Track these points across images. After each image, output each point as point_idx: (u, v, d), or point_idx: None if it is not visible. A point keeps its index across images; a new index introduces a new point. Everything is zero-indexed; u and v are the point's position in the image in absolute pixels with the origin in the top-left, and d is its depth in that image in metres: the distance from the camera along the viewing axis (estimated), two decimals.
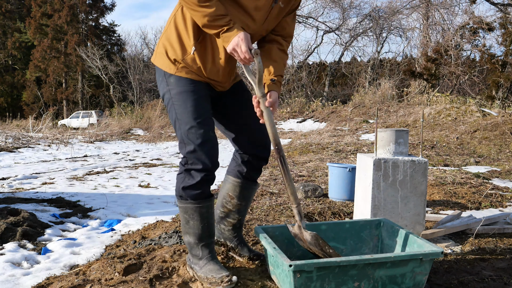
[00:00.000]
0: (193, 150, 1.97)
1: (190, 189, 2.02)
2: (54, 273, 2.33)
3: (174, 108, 2.04)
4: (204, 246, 2.08)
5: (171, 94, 2.04)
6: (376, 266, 1.79)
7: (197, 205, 2.03)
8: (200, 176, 1.99)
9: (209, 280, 1.98)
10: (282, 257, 1.76)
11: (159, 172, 6.47)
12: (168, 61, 2.04)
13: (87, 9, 32.57)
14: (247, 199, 2.29)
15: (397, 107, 14.59)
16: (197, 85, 2.04)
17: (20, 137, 12.95)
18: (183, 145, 2.02)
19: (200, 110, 2.01)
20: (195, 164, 1.99)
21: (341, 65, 25.01)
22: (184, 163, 2.03)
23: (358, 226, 2.30)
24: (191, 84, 2.03)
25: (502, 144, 8.34)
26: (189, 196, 2.03)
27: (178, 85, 2.02)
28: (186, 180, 2.02)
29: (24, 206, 3.85)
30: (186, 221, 2.08)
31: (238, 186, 2.26)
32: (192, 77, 2.03)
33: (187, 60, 2.01)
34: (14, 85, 34.44)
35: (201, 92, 2.04)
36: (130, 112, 22.15)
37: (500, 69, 15.87)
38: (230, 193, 2.27)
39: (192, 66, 2.01)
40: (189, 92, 2.01)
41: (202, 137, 1.97)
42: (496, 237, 2.79)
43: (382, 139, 2.65)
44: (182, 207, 2.07)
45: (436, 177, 4.85)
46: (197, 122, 1.98)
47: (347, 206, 3.60)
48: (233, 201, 2.27)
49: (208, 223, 2.07)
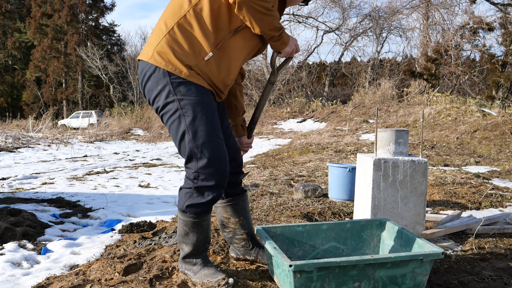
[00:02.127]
0: (207, 165, 1.88)
1: (197, 207, 1.95)
2: (54, 273, 2.33)
3: (184, 120, 1.87)
4: (200, 253, 2.07)
5: (181, 104, 1.86)
6: (376, 267, 1.79)
7: (199, 219, 1.98)
8: (211, 195, 1.92)
9: (206, 285, 1.95)
10: (282, 257, 1.76)
11: (159, 172, 6.47)
12: (176, 61, 1.87)
13: (87, 9, 32.57)
14: (243, 212, 2.24)
15: (397, 107, 14.59)
16: (209, 95, 1.93)
17: (20, 137, 12.95)
18: (195, 160, 1.89)
19: (215, 122, 1.91)
20: (207, 180, 1.89)
21: (341, 65, 25.02)
22: (194, 178, 1.92)
23: (359, 226, 2.30)
24: (204, 94, 1.90)
25: (502, 144, 8.34)
26: (193, 212, 1.96)
27: (190, 94, 1.87)
28: (194, 197, 1.94)
29: (24, 206, 3.84)
30: (185, 233, 2.02)
31: (226, 206, 2.22)
32: (203, 84, 1.90)
33: (200, 65, 1.87)
34: (14, 85, 34.43)
35: (213, 103, 1.94)
36: (130, 112, 22.16)
37: (500, 69, 15.88)
38: (224, 215, 2.24)
39: (205, 71, 1.89)
40: (204, 102, 1.89)
41: (217, 152, 1.89)
42: (496, 237, 2.79)
43: (382, 139, 2.64)
44: (183, 220, 2.00)
45: (436, 177, 4.84)
46: (213, 136, 1.88)
47: (347, 206, 3.60)
48: (231, 220, 2.23)
49: (206, 234, 2.04)
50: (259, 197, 4.01)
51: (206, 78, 1.91)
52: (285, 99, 20.52)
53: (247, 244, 2.25)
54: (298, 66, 22.94)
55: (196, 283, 2.00)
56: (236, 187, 2.22)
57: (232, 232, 2.25)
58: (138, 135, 16.48)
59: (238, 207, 2.21)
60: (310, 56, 23.77)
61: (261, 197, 4.01)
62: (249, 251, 2.25)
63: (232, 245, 2.30)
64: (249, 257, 2.26)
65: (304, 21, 22.54)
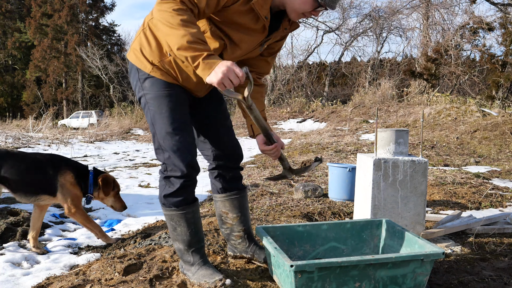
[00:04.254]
0: (170, 156, 1.93)
1: (172, 197, 1.98)
2: (54, 273, 2.33)
3: (149, 113, 1.96)
4: (194, 251, 2.06)
5: (146, 99, 1.96)
6: (377, 267, 1.79)
7: (182, 211, 2.00)
8: (179, 182, 1.94)
9: (203, 285, 1.96)
10: (283, 257, 1.76)
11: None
12: (143, 58, 1.94)
13: (87, 9, 32.57)
14: (241, 209, 2.24)
15: (397, 107, 14.59)
16: (173, 89, 1.96)
17: (20, 137, 12.95)
18: (161, 152, 1.96)
19: (176, 115, 1.94)
20: (174, 171, 1.94)
21: (341, 65, 25.02)
22: (164, 170, 1.98)
23: (359, 226, 2.30)
24: (167, 88, 1.94)
25: (502, 144, 8.34)
26: (171, 204, 1.98)
27: (153, 89, 1.94)
28: (166, 187, 1.98)
29: (24, 206, 3.84)
30: (173, 228, 2.04)
31: (225, 201, 2.23)
32: (167, 79, 1.94)
33: (164, 63, 1.92)
34: (14, 85, 34.42)
35: (177, 96, 1.96)
36: (130, 112, 22.15)
37: (500, 69, 15.88)
38: (223, 210, 2.25)
39: (169, 69, 1.93)
40: (164, 97, 1.93)
41: (178, 143, 1.92)
42: (496, 237, 2.79)
43: (382, 139, 2.64)
44: (167, 214, 2.02)
45: (436, 177, 4.84)
46: (173, 128, 1.92)
47: (347, 206, 3.60)
48: (229, 215, 2.24)
49: (195, 228, 2.04)
50: (259, 197, 4.01)
51: (171, 74, 1.95)
52: (285, 99, 20.53)
53: (244, 241, 2.25)
54: (298, 66, 22.96)
55: (194, 284, 2.01)
56: (236, 182, 2.24)
57: (230, 228, 2.26)
58: (138, 135, 16.48)
59: (237, 202, 2.23)
60: (310, 56, 23.80)
61: (261, 197, 4.01)
62: (246, 249, 2.26)
63: (229, 243, 2.31)
64: (246, 255, 2.26)
65: (304, 21, 22.52)
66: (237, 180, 2.24)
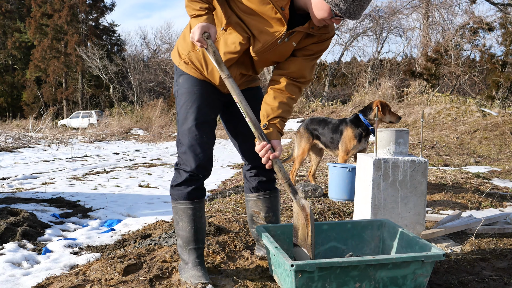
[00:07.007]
0: (184, 151, 2.02)
1: (177, 188, 2.05)
2: (54, 273, 2.33)
3: (178, 107, 2.09)
4: (191, 250, 2.07)
5: (178, 94, 2.10)
6: (377, 267, 1.79)
7: (185, 205, 2.05)
8: (186, 175, 2.03)
9: (187, 285, 1.99)
10: (284, 256, 1.76)
11: (159, 172, 6.47)
12: (176, 52, 2.11)
13: (87, 9, 32.56)
14: (273, 210, 2.30)
15: (397, 107, 14.58)
16: (203, 87, 2.06)
17: (20, 137, 12.95)
18: (180, 145, 2.06)
19: (198, 113, 2.02)
20: (184, 165, 2.03)
21: (341, 65, 25.02)
22: (178, 162, 2.08)
23: (360, 227, 2.30)
24: (196, 85, 2.05)
25: (502, 144, 8.34)
26: (177, 196, 2.06)
27: (184, 85, 2.06)
28: (175, 178, 2.07)
29: (24, 206, 3.84)
30: (176, 222, 2.11)
31: (257, 200, 2.28)
32: (194, 74, 2.05)
33: (191, 56, 2.03)
34: (14, 85, 34.41)
35: (205, 95, 2.05)
36: (130, 112, 22.16)
37: (500, 69, 15.86)
38: (255, 209, 2.30)
39: (195, 62, 2.03)
40: (192, 93, 2.04)
41: (194, 141, 2.01)
42: (496, 237, 2.79)
43: (382, 139, 2.64)
44: (173, 207, 2.11)
45: (436, 177, 4.84)
46: (193, 124, 2.01)
47: (347, 206, 3.60)
48: (261, 215, 2.29)
49: (196, 227, 2.07)
50: None
51: (196, 68, 2.04)
52: None
53: None
54: None
55: (181, 282, 2.03)
56: (269, 183, 2.29)
57: None
58: (138, 135, 16.48)
59: (269, 202, 2.28)
60: None
61: None
62: None
63: (258, 243, 2.34)
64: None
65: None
66: (271, 181, 2.30)
